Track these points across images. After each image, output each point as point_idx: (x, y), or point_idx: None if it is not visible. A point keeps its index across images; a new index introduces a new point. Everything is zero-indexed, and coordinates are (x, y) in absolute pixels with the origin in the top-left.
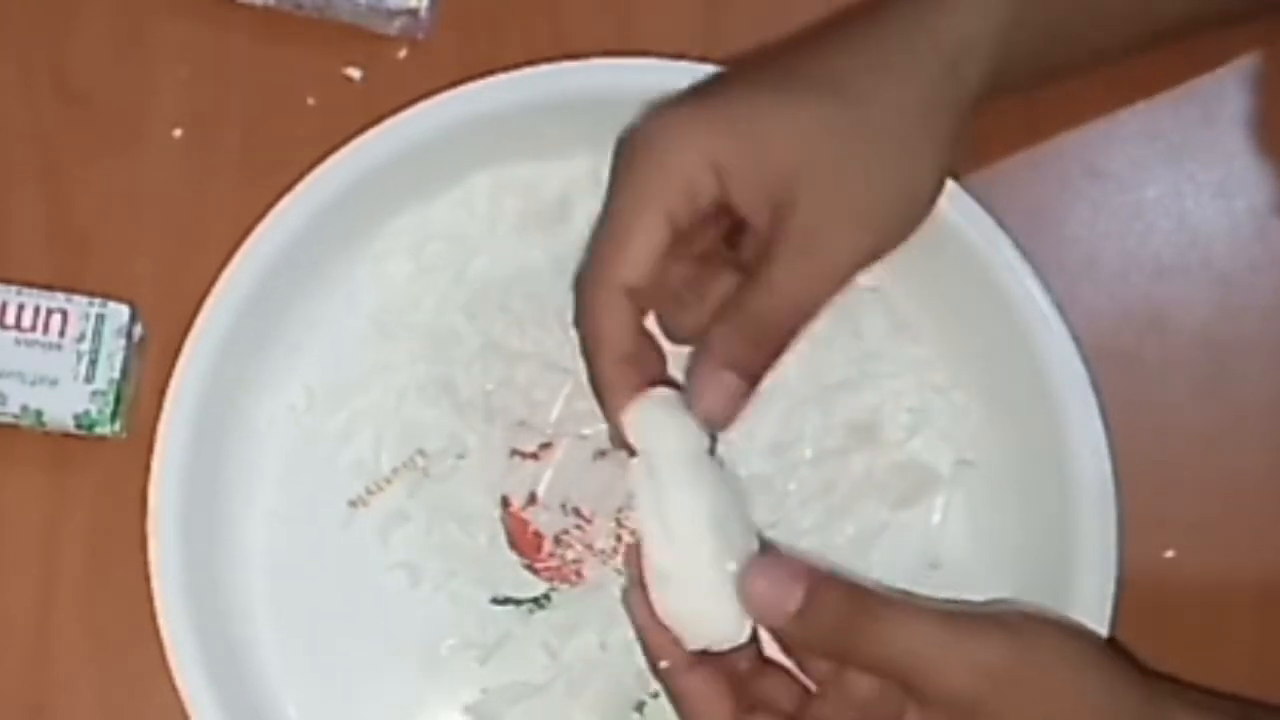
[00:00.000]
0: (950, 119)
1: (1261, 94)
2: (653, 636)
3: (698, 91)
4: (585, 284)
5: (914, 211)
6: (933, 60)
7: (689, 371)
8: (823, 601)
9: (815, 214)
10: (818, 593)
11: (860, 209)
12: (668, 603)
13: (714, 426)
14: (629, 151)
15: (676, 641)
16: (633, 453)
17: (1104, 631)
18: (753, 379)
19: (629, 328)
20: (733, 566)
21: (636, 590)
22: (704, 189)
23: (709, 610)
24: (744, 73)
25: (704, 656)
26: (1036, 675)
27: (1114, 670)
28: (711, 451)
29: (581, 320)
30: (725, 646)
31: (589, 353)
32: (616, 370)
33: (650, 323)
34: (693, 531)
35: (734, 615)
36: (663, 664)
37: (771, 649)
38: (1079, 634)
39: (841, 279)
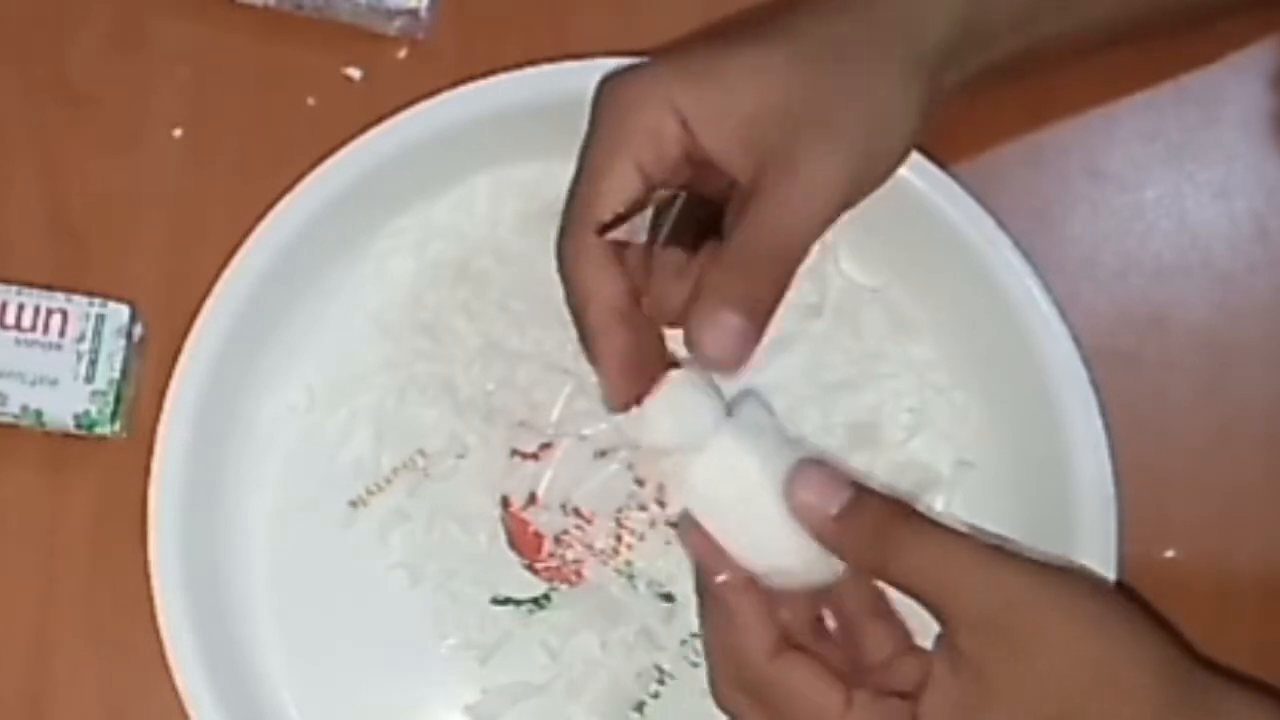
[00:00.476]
0: (913, 54)
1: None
2: (710, 560)
3: (669, 53)
4: (563, 239)
5: (889, 143)
6: (889, 6)
7: (686, 323)
8: (864, 506)
9: (792, 146)
10: (860, 497)
11: (836, 136)
12: (756, 562)
13: (722, 368)
14: (598, 108)
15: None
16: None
17: None
18: (753, 316)
19: (610, 274)
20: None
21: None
22: (671, 138)
23: (800, 563)
24: (711, 37)
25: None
26: (1061, 625)
27: (1160, 637)
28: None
29: (564, 276)
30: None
31: (576, 309)
32: (603, 319)
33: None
34: (759, 501)
35: (821, 556)
36: (720, 578)
37: None
38: (1121, 600)
39: (827, 207)
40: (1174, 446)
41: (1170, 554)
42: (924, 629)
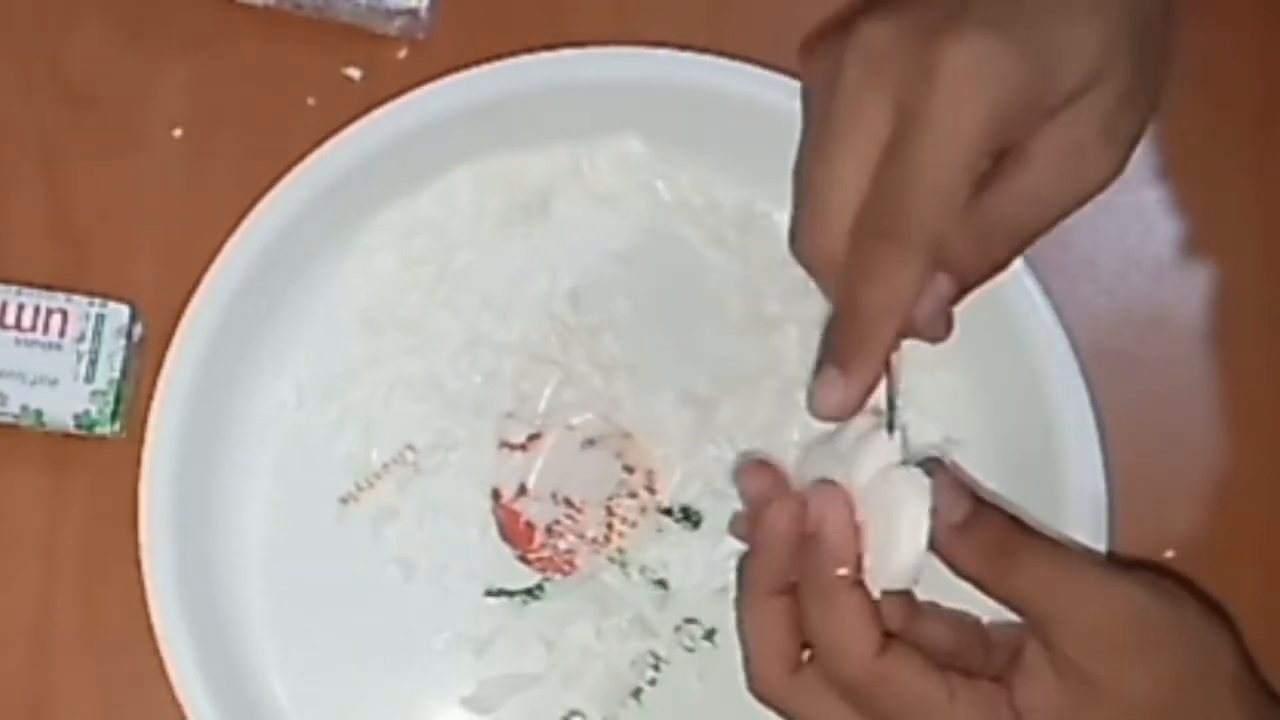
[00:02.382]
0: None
1: None
2: (840, 548)
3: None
4: (903, 230)
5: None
6: None
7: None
8: (986, 518)
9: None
10: (982, 510)
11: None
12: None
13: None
14: (946, 71)
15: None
16: None
17: None
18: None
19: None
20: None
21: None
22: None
23: (910, 565)
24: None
25: None
26: (1175, 635)
27: (1250, 666)
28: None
29: (885, 275)
30: (909, 584)
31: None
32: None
33: None
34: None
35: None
36: (842, 571)
37: None
38: (1219, 616)
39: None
40: (1174, 446)
41: (1170, 554)
42: None
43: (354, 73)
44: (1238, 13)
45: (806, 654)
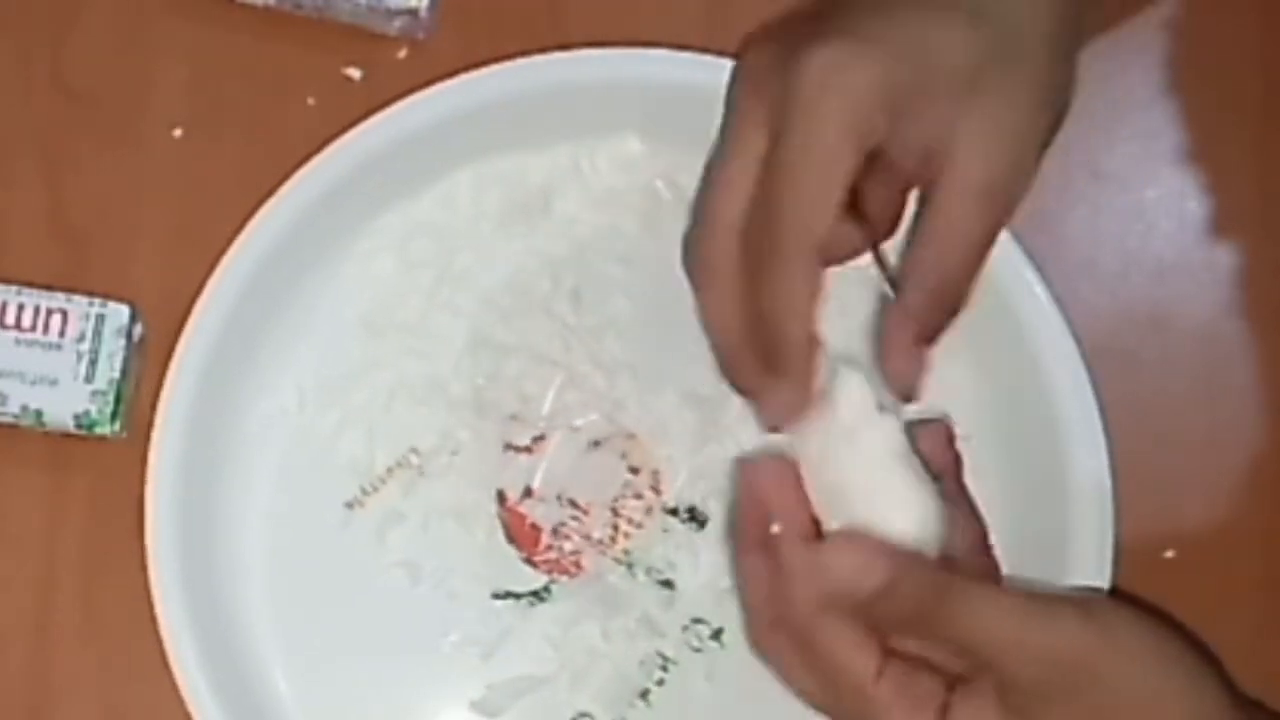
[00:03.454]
0: (1072, 43)
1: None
2: (780, 506)
3: (834, 16)
4: (780, 240)
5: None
6: None
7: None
8: (904, 583)
9: (973, 140)
10: (900, 574)
11: (1008, 130)
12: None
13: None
14: (802, 81)
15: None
16: None
17: None
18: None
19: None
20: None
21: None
22: (878, 127)
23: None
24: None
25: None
26: (1112, 665)
27: (1201, 671)
28: None
29: (772, 284)
30: None
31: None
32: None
33: None
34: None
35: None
36: (775, 528)
37: None
38: (1165, 628)
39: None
40: (1174, 446)
41: (1170, 554)
42: None
43: (354, 73)
44: (1238, 11)
45: None
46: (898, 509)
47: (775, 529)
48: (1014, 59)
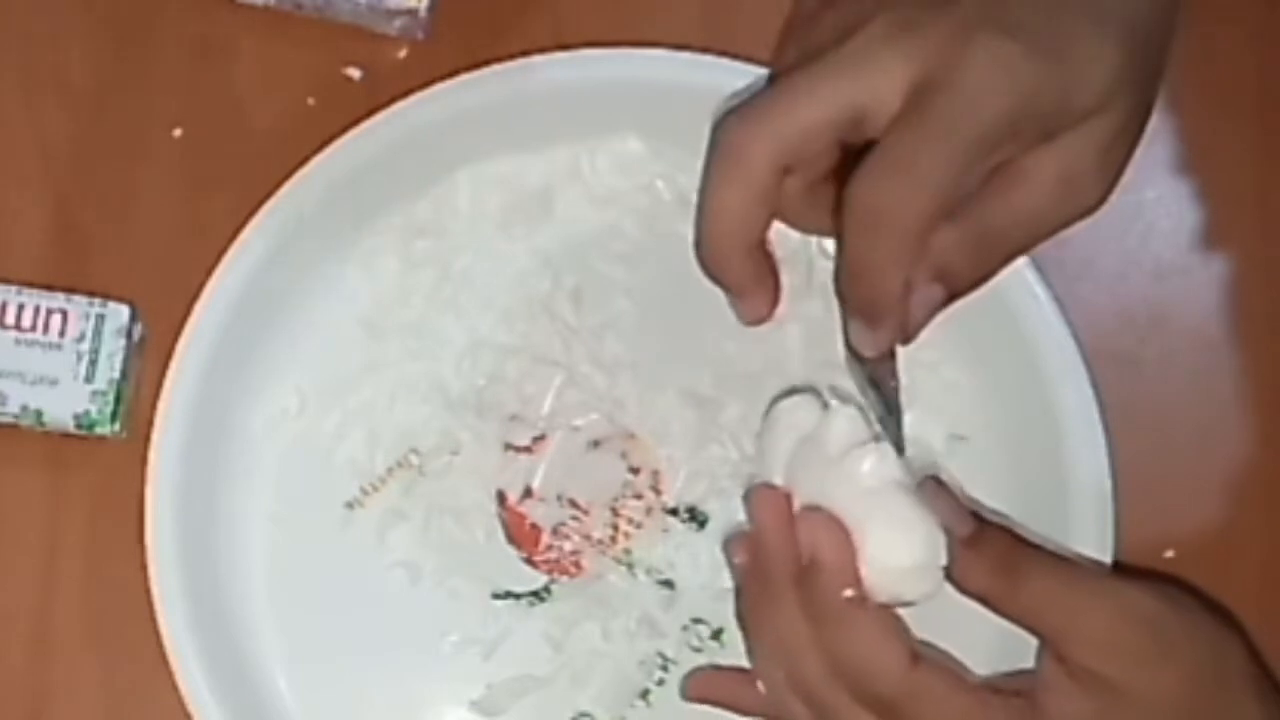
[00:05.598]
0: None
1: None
2: (841, 572)
3: None
4: (734, 131)
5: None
6: None
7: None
8: (992, 536)
9: None
10: (987, 527)
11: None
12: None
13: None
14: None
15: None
16: None
17: None
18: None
19: (766, 201)
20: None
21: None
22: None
23: (913, 576)
24: None
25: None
26: (1188, 636)
27: (1260, 663)
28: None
29: (715, 169)
30: (924, 598)
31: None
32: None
33: None
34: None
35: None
36: (848, 593)
37: None
38: (1227, 619)
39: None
40: (1174, 446)
41: (1170, 554)
42: None
43: (354, 73)
44: (1238, 12)
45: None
46: (899, 534)
47: (848, 593)
48: (1145, 81)
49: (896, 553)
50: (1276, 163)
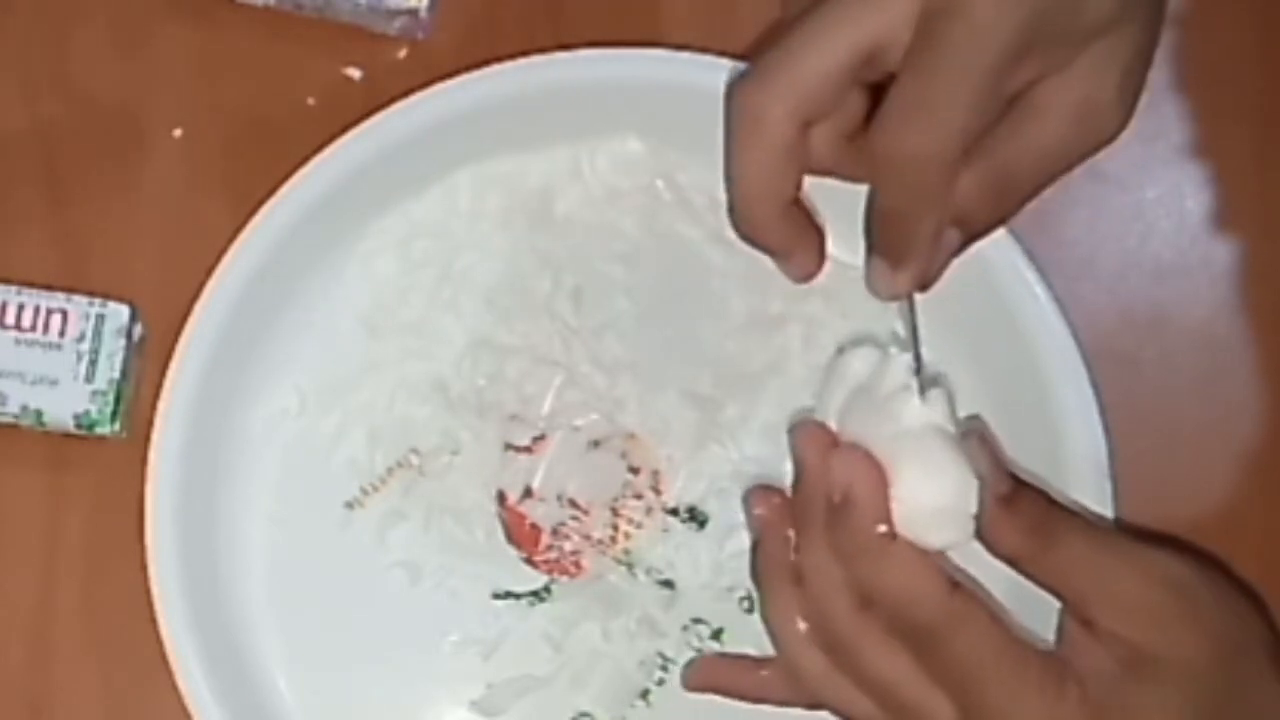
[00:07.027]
0: None
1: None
2: (876, 501)
3: None
4: (747, 92)
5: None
6: None
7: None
8: (1028, 496)
9: None
10: (1024, 486)
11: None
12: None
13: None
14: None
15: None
16: None
17: None
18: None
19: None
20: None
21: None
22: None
23: (947, 522)
24: None
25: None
26: (1214, 602)
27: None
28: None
29: (734, 134)
30: (951, 545)
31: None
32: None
33: None
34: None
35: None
36: (881, 528)
37: None
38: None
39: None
40: (1174, 446)
41: None
42: None
43: (354, 73)
44: (1238, 13)
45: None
46: (931, 475)
47: (881, 529)
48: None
49: (925, 492)
50: (1277, 162)
